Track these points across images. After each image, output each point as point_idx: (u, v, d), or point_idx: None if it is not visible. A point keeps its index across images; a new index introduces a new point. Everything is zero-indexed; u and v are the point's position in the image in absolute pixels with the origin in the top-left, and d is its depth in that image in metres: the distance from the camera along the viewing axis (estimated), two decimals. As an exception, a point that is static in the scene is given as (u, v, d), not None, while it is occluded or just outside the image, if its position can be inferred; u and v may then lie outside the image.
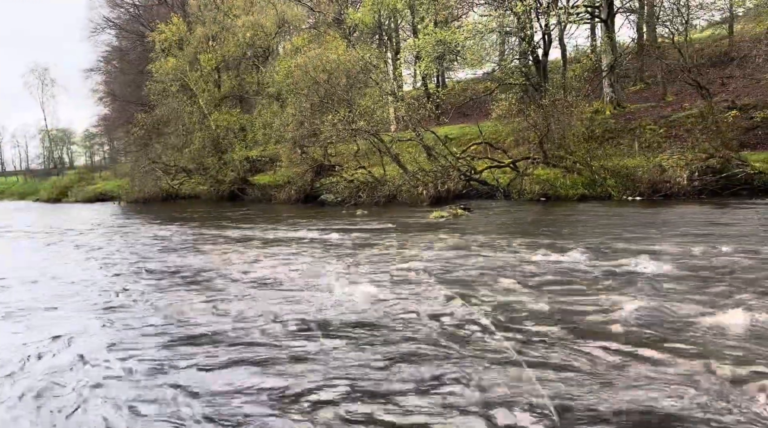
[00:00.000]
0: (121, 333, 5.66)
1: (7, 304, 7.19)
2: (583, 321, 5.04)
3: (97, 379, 4.42)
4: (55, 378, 4.48)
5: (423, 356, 4.47)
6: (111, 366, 4.69)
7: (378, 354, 4.57)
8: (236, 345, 5.04)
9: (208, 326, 5.66)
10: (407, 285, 6.77)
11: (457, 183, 17.22)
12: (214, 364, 4.60)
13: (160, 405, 3.89)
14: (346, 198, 19.35)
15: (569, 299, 5.75)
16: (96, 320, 6.20)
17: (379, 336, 5.00)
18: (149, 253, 11.10)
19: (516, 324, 5.11)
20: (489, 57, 22.08)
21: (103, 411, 3.86)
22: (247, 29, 25.98)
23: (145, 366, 4.65)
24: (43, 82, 58.55)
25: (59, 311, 6.72)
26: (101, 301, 7.13)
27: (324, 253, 9.53)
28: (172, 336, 5.43)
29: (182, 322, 5.88)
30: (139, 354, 4.97)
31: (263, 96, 26.09)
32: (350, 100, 19.45)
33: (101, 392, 4.17)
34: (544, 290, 6.12)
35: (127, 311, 6.49)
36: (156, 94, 28.11)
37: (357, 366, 4.36)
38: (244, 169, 25.99)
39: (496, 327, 5.05)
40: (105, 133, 53.05)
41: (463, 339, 4.79)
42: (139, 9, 40.68)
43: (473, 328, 5.05)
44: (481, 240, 9.70)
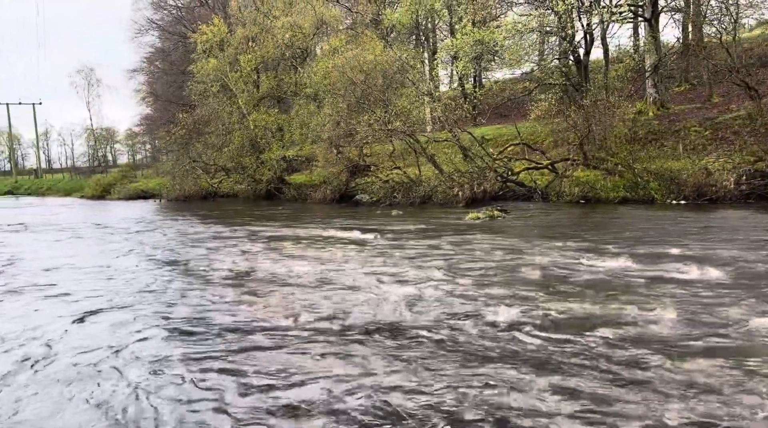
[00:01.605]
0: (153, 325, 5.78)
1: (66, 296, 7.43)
2: (623, 327, 4.90)
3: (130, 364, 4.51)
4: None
5: (456, 357, 4.42)
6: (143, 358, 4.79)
7: (414, 356, 4.53)
8: (266, 339, 5.08)
9: (244, 321, 5.73)
10: (444, 286, 6.71)
11: (493, 184, 17.04)
12: (238, 361, 4.64)
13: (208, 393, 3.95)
14: (381, 198, 19.36)
15: (608, 303, 5.61)
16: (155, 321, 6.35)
17: (415, 338, 4.97)
18: (187, 249, 11.32)
19: (558, 329, 5.01)
20: (528, 57, 21.77)
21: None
22: (285, 30, 26.26)
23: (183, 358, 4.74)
24: (89, 82, 60.43)
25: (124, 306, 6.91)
26: (157, 302, 7.30)
27: (360, 253, 9.54)
28: (198, 332, 5.51)
29: (213, 319, 5.97)
30: (177, 346, 5.06)
31: (300, 96, 26.33)
32: (386, 101, 19.45)
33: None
34: (584, 294, 5.99)
35: (159, 305, 6.64)
36: (197, 94, 28.68)
37: (388, 366, 4.34)
38: (281, 168, 26.28)
39: (538, 331, 4.95)
40: (147, 132, 54.38)
41: (500, 341, 4.72)
42: (182, 11, 41.61)
43: (509, 331, 4.97)
44: (519, 242, 9.56)
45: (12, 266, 10.16)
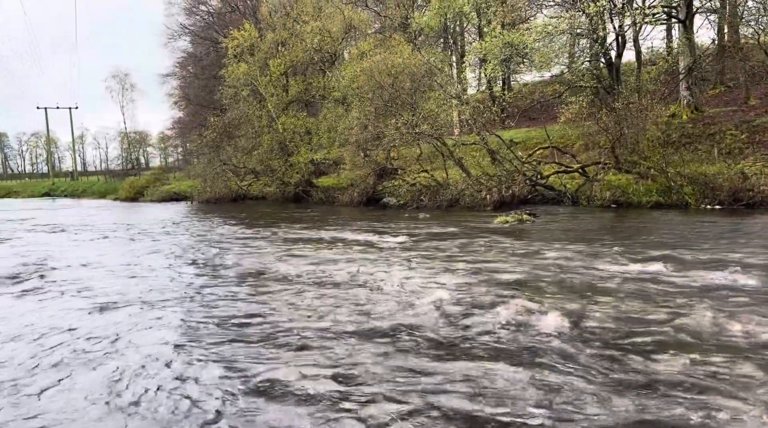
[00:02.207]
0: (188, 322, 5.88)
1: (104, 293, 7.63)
2: (659, 333, 4.80)
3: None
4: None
5: (487, 362, 4.39)
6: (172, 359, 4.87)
7: (445, 359, 4.52)
8: (291, 342, 5.12)
9: (269, 322, 5.79)
10: (474, 290, 6.67)
11: (522, 188, 16.88)
12: (265, 360, 4.69)
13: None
14: (408, 202, 19.36)
15: (644, 310, 5.50)
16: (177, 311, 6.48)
17: (445, 342, 4.95)
18: (214, 250, 11.48)
19: (590, 334, 4.93)
20: (558, 59, 21.55)
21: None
22: (314, 35, 26.52)
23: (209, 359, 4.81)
24: (124, 86, 61.95)
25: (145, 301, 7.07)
26: (183, 296, 7.43)
27: (387, 255, 9.55)
28: (229, 331, 5.58)
29: (243, 318, 6.05)
30: (208, 347, 5.14)
31: (329, 100, 26.54)
32: (414, 104, 19.46)
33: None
34: (618, 300, 5.88)
35: (192, 304, 6.75)
36: (228, 98, 29.16)
37: (416, 367, 4.33)
38: (309, 171, 26.51)
39: (572, 337, 4.89)
40: (179, 135, 55.50)
41: (528, 346, 4.67)
42: (214, 16, 42.39)
43: (541, 336, 4.92)
44: (549, 247, 9.44)
45: (46, 263, 10.46)
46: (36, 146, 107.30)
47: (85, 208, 31.97)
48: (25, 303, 7.23)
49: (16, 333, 5.82)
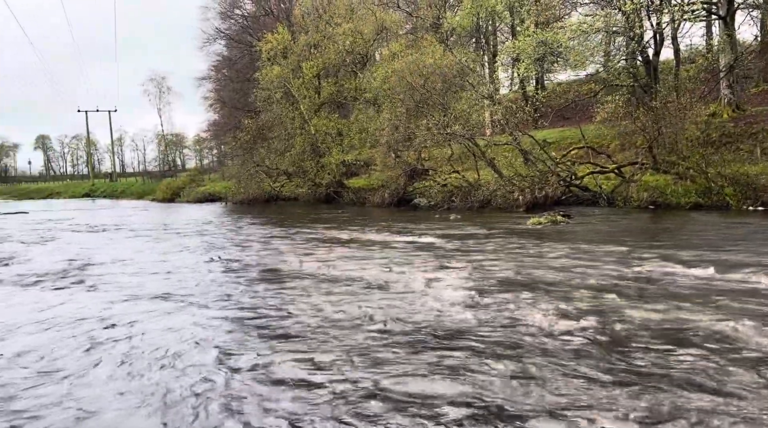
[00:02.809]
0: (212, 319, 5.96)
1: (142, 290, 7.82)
2: (698, 338, 4.65)
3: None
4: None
5: (516, 365, 4.32)
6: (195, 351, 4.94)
7: (472, 361, 4.47)
8: (322, 341, 5.14)
9: (299, 322, 5.82)
10: (505, 292, 6.59)
11: (555, 189, 16.62)
12: (294, 358, 4.71)
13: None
14: (439, 202, 19.28)
15: (683, 314, 5.34)
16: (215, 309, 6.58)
17: (475, 344, 4.90)
18: (245, 249, 11.64)
19: (628, 338, 4.81)
20: (593, 58, 21.13)
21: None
22: (346, 36, 26.68)
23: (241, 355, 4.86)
24: (161, 90, 63.45)
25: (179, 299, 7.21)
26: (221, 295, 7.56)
27: (418, 257, 9.52)
28: (261, 329, 5.63)
29: (276, 316, 6.10)
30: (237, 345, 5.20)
31: (360, 101, 26.67)
32: (445, 104, 19.38)
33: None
34: (658, 303, 5.72)
35: (225, 302, 6.84)
36: (261, 100, 29.58)
37: (443, 368, 4.29)
38: (340, 172, 26.67)
39: (614, 342, 4.78)
40: (214, 137, 56.46)
41: (561, 348, 4.58)
42: (248, 20, 43.03)
43: (574, 339, 4.82)
44: (584, 248, 9.26)
45: (84, 261, 10.76)
46: (77, 148, 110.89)
47: (123, 208, 32.84)
48: (64, 297, 7.45)
49: (57, 322, 6.00)
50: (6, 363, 4.86)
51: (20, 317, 6.50)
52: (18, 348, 5.31)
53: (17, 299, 7.59)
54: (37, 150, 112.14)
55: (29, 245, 14.42)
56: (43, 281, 8.81)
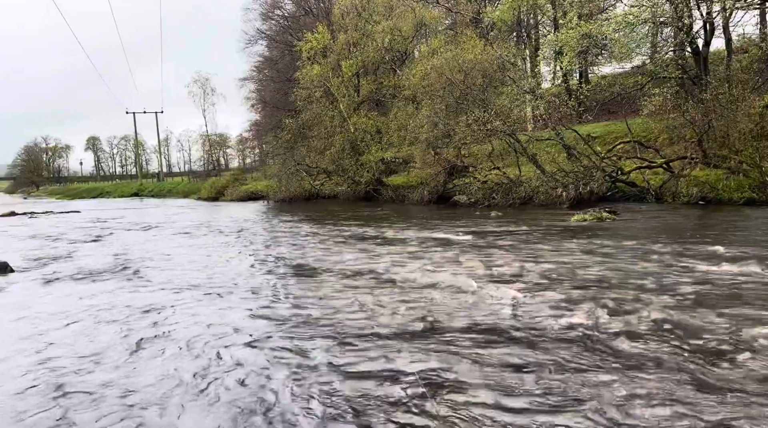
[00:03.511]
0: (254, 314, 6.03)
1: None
2: (754, 339, 4.43)
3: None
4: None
5: (563, 366, 4.21)
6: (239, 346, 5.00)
7: (518, 360, 4.38)
8: (363, 336, 5.13)
9: (341, 318, 5.83)
10: (550, 290, 6.44)
11: (600, 185, 16.19)
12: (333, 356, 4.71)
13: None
14: (479, 199, 19.06)
15: (737, 313, 5.10)
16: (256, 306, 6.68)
17: (519, 342, 4.81)
18: (285, 246, 11.77)
19: (680, 338, 4.63)
20: (639, 49, 20.49)
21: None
22: (385, 34, 26.65)
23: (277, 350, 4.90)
24: (205, 91, 64.75)
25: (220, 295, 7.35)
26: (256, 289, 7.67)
27: (460, 254, 9.43)
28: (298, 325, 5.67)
29: (306, 311, 6.13)
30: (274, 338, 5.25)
31: (399, 99, 26.60)
32: (486, 100, 19.12)
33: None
34: (717, 306, 5.47)
35: (264, 297, 6.93)
36: (302, 100, 29.88)
37: (487, 367, 4.22)
38: (379, 170, 26.70)
39: (661, 341, 4.61)
40: (256, 137, 57.40)
41: (610, 349, 4.44)
42: (288, 20, 43.55)
43: (632, 340, 4.66)
44: (632, 246, 8.98)
45: (134, 258, 11.09)
46: (125, 148, 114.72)
47: (169, 207, 33.77)
48: (113, 289, 7.69)
49: (106, 310, 6.21)
50: (60, 350, 5.05)
51: (73, 307, 6.75)
52: (70, 334, 5.51)
53: (71, 291, 7.88)
54: (88, 151, 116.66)
55: (81, 243, 14.98)
56: (93, 276, 9.13)
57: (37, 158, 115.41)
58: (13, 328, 6.09)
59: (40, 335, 5.75)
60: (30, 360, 4.93)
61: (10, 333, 5.87)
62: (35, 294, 7.96)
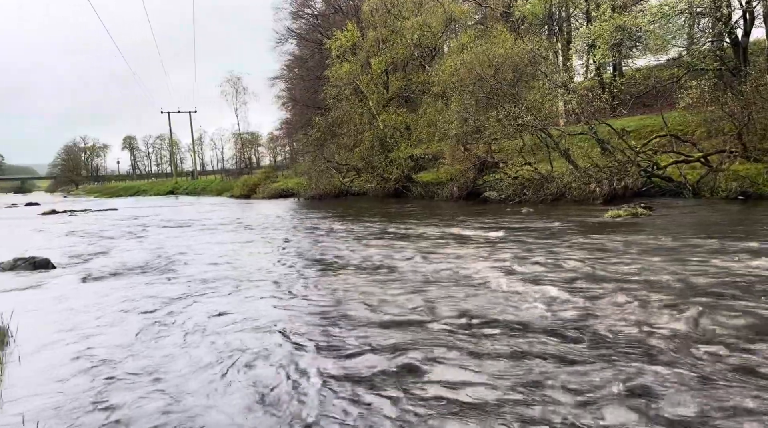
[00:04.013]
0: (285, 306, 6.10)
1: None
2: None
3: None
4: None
5: (603, 365, 4.15)
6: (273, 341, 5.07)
7: (553, 360, 4.34)
8: (393, 332, 5.14)
9: (372, 314, 5.86)
10: (584, 288, 6.33)
11: (635, 180, 15.84)
12: (363, 349, 4.73)
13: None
14: (509, 195, 18.87)
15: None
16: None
17: (553, 341, 4.75)
18: (313, 243, 11.86)
19: (720, 340, 4.51)
20: (675, 41, 19.98)
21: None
22: (415, 30, 26.58)
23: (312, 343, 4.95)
24: (237, 90, 65.65)
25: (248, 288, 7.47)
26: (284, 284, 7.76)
27: (491, 250, 9.36)
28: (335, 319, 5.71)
29: (349, 307, 6.17)
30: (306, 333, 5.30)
31: (428, 95, 26.51)
32: (516, 95, 18.90)
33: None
34: (753, 301, 5.32)
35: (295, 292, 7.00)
36: (331, 98, 30.05)
37: (518, 367, 4.19)
38: (409, 167, 26.68)
39: (704, 343, 4.50)
40: (286, 135, 58.00)
41: (649, 349, 4.36)
42: (318, 18, 43.80)
43: (669, 341, 4.57)
44: (670, 242, 8.77)
45: (169, 255, 11.34)
46: (160, 147, 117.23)
47: (203, 205, 34.38)
48: (150, 285, 7.89)
49: (141, 302, 6.38)
50: (98, 339, 5.21)
51: (110, 300, 6.95)
52: (108, 325, 5.68)
53: (108, 285, 8.11)
54: (125, 150, 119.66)
55: (119, 239, 15.39)
56: (130, 271, 9.37)
57: (76, 157, 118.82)
58: (56, 320, 6.31)
59: (80, 326, 5.96)
60: (72, 349, 5.15)
61: (54, 325, 6.08)
62: (75, 289, 8.22)
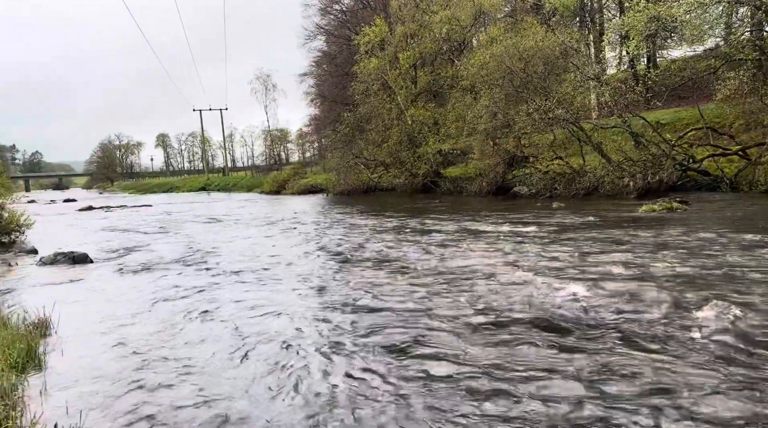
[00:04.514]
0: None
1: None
2: None
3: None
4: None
5: (630, 362, 4.08)
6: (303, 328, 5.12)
7: (580, 359, 4.28)
8: (418, 328, 5.14)
9: (400, 308, 5.87)
10: (616, 285, 6.21)
11: (670, 174, 15.49)
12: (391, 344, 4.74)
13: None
14: (540, 190, 18.64)
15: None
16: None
17: (581, 339, 4.69)
18: (342, 237, 11.91)
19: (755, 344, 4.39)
20: (712, 31, 19.36)
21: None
22: (443, 24, 26.40)
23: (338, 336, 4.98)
24: (267, 87, 66.13)
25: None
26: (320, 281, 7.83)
27: (521, 246, 9.26)
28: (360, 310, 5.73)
29: (365, 301, 6.19)
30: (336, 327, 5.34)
31: (457, 89, 26.31)
32: (547, 88, 18.62)
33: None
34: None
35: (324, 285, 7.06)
36: (359, 93, 30.09)
37: (547, 365, 4.15)
38: (437, 162, 26.58)
39: (744, 341, 4.39)
40: (315, 132, 58.26)
41: (686, 344, 4.27)
42: (347, 14, 43.88)
43: (699, 336, 4.47)
44: (706, 237, 8.55)
45: (201, 249, 11.55)
46: (192, 144, 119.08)
47: (234, 201, 34.88)
48: (183, 279, 8.05)
49: (174, 292, 6.53)
50: (135, 329, 5.35)
51: (145, 292, 7.12)
52: (142, 315, 5.83)
53: (143, 279, 8.31)
54: (158, 147, 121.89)
55: (153, 234, 15.73)
56: (164, 265, 9.58)
57: (111, 154, 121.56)
58: (95, 311, 6.52)
59: (116, 316, 6.17)
60: (109, 338, 5.35)
61: (92, 316, 6.28)
62: (112, 282, 8.45)
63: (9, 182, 21.83)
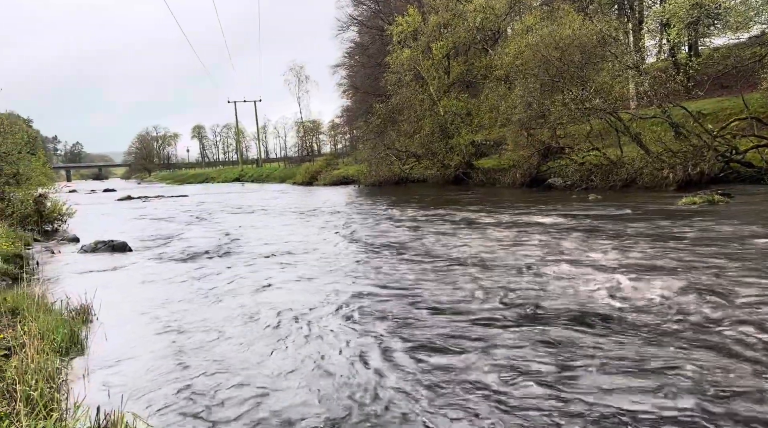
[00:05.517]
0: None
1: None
2: None
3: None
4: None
5: (670, 356, 3.98)
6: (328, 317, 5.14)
7: (625, 350, 4.20)
8: (457, 320, 5.11)
9: (442, 299, 5.84)
10: (656, 277, 6.07)
11: (712, 165, 15.00)
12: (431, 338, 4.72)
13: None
14: (575, 182, 18.29)
15: None
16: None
17: (622, 331, 4.60)
18: (372, 229, 11.92)
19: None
20: (758, 17, 18.61)
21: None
22: (477, 13, 26.06)
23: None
24: (299, 78, 66.57)
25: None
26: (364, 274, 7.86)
27: (558, 239, 9.12)
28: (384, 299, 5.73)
29: (408, 290, 6.18)
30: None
31: (490, 79, 25.96)
32: (584, 77, 18.20)
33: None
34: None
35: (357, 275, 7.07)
36: (392, 84, 29.96)
37: (589, 356, 4.07)
38: (469, 153, 26.32)
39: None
40: (347, 123, 58.45)
41: (733, 340, 4.14)
42: (380, 4, 43.71)
43: (742, 330, 4.33)
44: (750, 230, 8.26)
45: (235, 239, 11.73)
46: (227, 136, 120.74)
47: (267, 192, 35.30)
48: (218, 266, 8.20)
49: (211, 279, 6.66)
50: (175, 316, 5.48)
51: (181, 279, 7.28)
52: (181, 301, 5.96)
53: (180, 267, 8.49)
54: (194, 139, 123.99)
55: (189, 224, 16.05)
56: (199, 254, 9.77)
57: (148, 145, 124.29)
58: (133, 298, 6.71)
59: (154, 303, 6.34)
60: (148, 324, 5.52)
61: (131, 302, 6.46)
62: (150, 270, 8.67)
63: (51, 172, 22.56)
